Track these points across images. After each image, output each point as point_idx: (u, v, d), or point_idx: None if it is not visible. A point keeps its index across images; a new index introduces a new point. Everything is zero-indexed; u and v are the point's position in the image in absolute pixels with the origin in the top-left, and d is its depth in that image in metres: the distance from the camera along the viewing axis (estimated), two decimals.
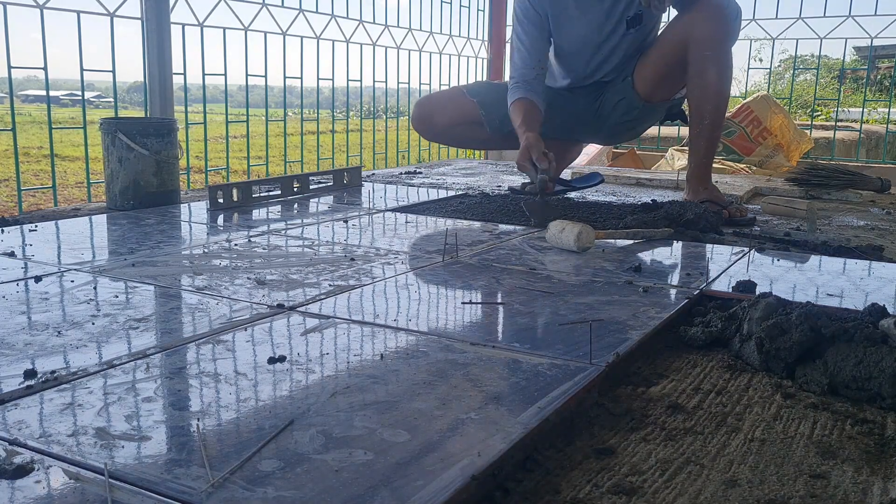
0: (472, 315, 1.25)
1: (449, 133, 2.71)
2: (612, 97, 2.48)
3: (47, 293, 1.29)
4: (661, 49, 2.36)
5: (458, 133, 2.68)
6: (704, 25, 2.23)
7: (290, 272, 1.47)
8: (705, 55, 2.25)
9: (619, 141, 2.60)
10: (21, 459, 0.72)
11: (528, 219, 2.08)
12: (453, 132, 2.69)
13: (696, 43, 2.25)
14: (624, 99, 2.46)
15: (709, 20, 2.23)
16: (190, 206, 2.28)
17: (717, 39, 2.25)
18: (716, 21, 2.23)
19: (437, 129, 2.70)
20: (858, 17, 3.73)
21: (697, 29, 2.24)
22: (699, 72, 2.27)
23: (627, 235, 1.87)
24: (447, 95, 2.76)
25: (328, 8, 3.43)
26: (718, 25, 2.24)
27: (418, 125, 2.74)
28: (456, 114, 2.63)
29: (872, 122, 5.88)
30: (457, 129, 2.66)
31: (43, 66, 2.35)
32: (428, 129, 2.72)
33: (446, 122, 2.66)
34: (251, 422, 0.82)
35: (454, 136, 2.73)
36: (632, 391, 1.00)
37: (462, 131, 2.66)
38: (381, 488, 0.68)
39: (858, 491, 0.75)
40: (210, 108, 3.31)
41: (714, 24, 2.24)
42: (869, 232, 2.15)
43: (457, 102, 2.64)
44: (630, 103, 2.46)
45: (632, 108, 2.46)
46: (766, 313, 1.13)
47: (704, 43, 2.24)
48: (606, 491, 0.74)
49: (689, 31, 2.26)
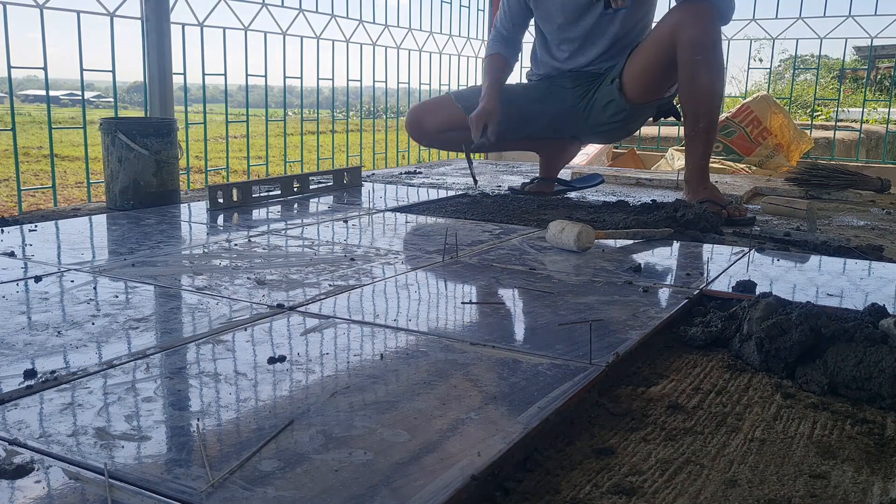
0: (472, 315, 1.25)
1: (439, 138, 2.74)
2: (601, 99, 2.49)
3: (47, 293, 1.29)
4: (649, 50, 2.35)
5: (447, 137, 2.71)
6: (693, 27, 2.20)
7: (290, 272, 1.47)
8: (696, 59, 2.22)
9: (611, 141, 2.62)
10: (21, 459, 0.72)
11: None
12: (443, 136, 2.71)
13: (684, 46, 2.22)
14: (612, 101, 2.46)
15: (698, 21, 2.21)
16: (190, 206, 2.28)
17: (706, 43, 2.22)
18: (705, 22, 2.21)
19: (427, 134, 2.73)
20: (858, 17, 3.73)
21: (686, 31, 2.21)
22: (690, 77, 2.25)
23: (627, 235, 1.87)
24: (437, 102, 2.78)
25: (328, 8, 3.44)
26: (708, 27, 2.22)
27: (410, 130, 2.77)
28: (444, 119, 2.66)
29: (872, 122, 5.88)
30: (446, 133, 2.68)
31: (43, 65, 2.35)
32: (419, 133, 2.75)
33: (435, 127, 2.69)
34: (251, 422, 0.82)
35: (444, 140, 2.76)
36: (632, 391, 1.00)
37: (450, 136, 2.69)
38: (381, 488, 0.68)
39: (858, 491, 0.75)
40: (210, 108, 3.31)
41: (703, 25, 2.21)
42: (869, 232, 2.15)
43: (445, 108, 2.66)
44: (618, 106, 2.46)
45: (620, 110, 2.46)
46: (766, 313, 1.13)
47: (694, 47, 2.21)
48: (606, 491, 0.74)
49: (678, 33, 2.24)
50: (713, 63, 2.24)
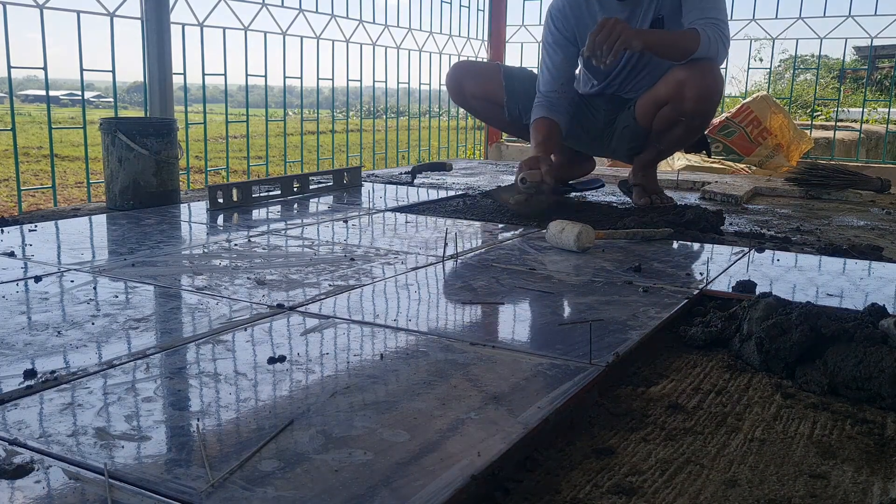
0: (472, 315, 1.25)
1: (473, 104, 2.75)
2: (621, 123, 2.48)
3: (47, 293, 1.29)
4: (656, 93, 2.33)
5: (480, 106, 2.72)
6: (690, 101, 2.20)
7: (290, 272, 1.47)
8: (692, 125, 2.29)
9: (628, 160, 2.60)
10: (21, 459, 0.72)
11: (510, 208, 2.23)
12: (477, 104, 2.72)
13: (681, 113, 2.25)
14: (628, 127, 2.46)
15: (698, 99, 2.19)
16: (190, 206, 2.28)
17: (697, 126, 2.32)
18: (703, 103, 2.21)
19: (464, 96, 2.73)
20: (858, 17, 3.73)
21: (684, 104, 2.21)
22: (679, 137, 2.34)
23: (627, 235, 1.87)
24: (483, 69, 2.77)
25: (328, 8, 3.44)
26: (706, 107, 2.23)
27: (449, 86, 2.77)
28: (483, 89, 2.67)
29: (872, 122, 5.88)
30: (481, 102, 2.69)
31: (43, 65, 2.35)
32: (456, 93, 2.75)
33: (472, 93, 2.70)
34: (251, 422, 0.82)
35: (477, 108, 2.77)
36: (632, 391, 1.00)
37: (485, 107, 2.70)
38: (381, 488, 0.68)
39: (858, 491, 0.75)
40: (210, 108, 3.31)
41: (701, 107, 2.21)
42: (869, 232, 2.15)
43: (488, 78, 2.66)
44: (634, 131, 2.46)
45: (636, 136, 2.46)
46: (766, 313, 1.13)
47: (689, 121, 2.26)
48: (606, 491, 0.74)
49: (677, 103, 2.24)
50: (704, 128, 2.38)
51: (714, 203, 2.65)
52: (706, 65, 2.18)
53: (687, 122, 2.26)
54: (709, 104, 2.23)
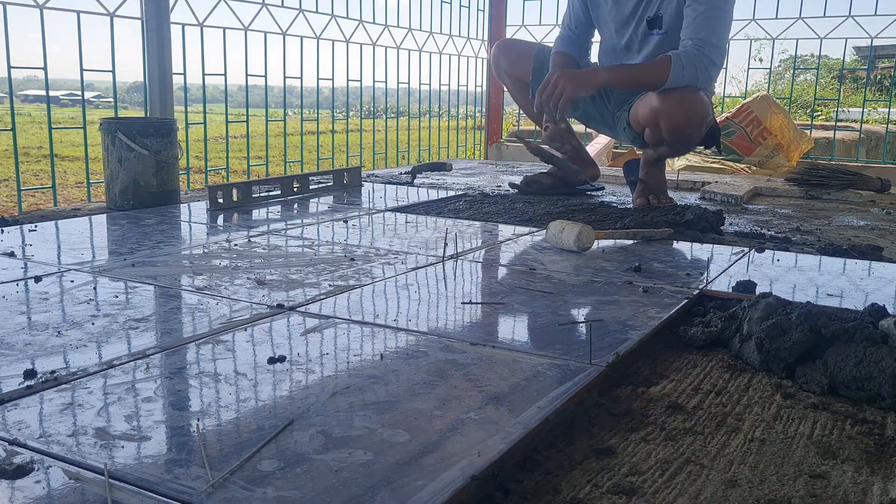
0: (472, 315, 1.25)
1: (507, 82, 2.85)
2: (622, 120, 2.49)
3: (47, 293, 1.29)
4: (636, 114, 2.35)
5: (511, 85, 2.82)
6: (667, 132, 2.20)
7: (290, 272, 1.47)
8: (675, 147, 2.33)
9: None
10: (21, 459, 0.72)
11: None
12: (509, 82, 2.83)
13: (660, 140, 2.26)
14: (628, 126, 2.46)
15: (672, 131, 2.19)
16: (190, 206, 2.28)
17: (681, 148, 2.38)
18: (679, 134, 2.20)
19: (501, 73, 2.84)
20: (858, 17, 3.73)
21: (661, 133, 2.22)
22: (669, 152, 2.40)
23: (627, 235, 1.87)
24: (520, 46, 2.84)
25: (328, 8, 3.44)
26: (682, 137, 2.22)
27: (492, 63, 2.88)
28: (515, 68, 2.75)
29: (872, 122, 5.88)
30: (512, 81, 2.79)
31: (43, 66, 2.35)
32: (497, 69, 2.86)
33: (507, 71, 2.79)
34: (251, 422, 0.82)
35: (509, 86, 2.87)
36: (632, 391, 1.00)
37: (514, 85, 2.80)
38: (381, 488, 0.68)
39: (858, 491, 0.75)
40: (210, 108, 3.31)
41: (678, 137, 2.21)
42: (869, 232, 2.15)
43: (523, 57, 2.73)
44: (629, 134, 2.48)
45: (635, 137, 2.46)
46: (766, 313, 1.13)
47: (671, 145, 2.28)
48: (606, 491, 0.74)
49: (655, 131, 2.25)
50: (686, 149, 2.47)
51: (714, 203, 2.65)
52: (681, 94, 2.12)
53: (669, 145, 2.27)
54: (684, 135, 2.21)
